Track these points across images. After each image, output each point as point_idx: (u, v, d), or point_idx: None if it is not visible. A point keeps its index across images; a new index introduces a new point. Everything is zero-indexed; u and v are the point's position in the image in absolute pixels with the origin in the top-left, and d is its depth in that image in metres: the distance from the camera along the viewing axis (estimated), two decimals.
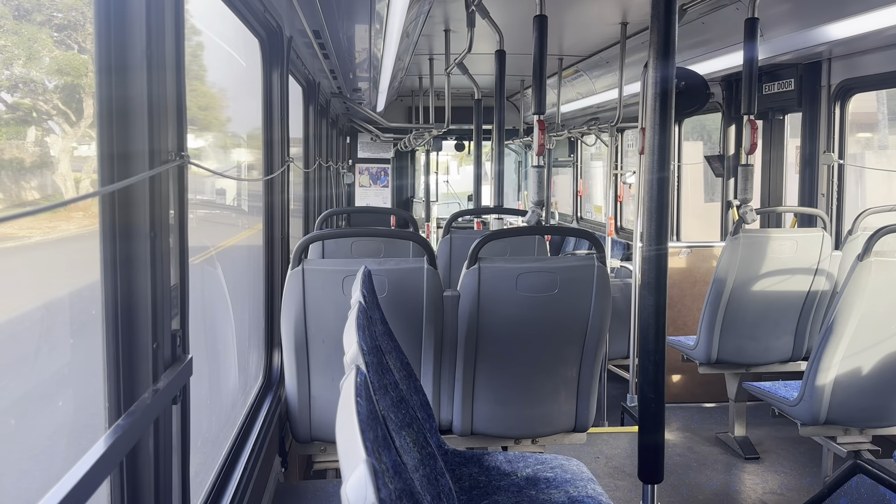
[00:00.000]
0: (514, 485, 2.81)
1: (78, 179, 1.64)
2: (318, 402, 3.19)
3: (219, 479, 2.35)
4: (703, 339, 4.60)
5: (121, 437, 1.27)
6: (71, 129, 1.62)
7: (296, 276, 3.05)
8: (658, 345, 2.53)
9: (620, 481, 4.27)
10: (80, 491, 1.10)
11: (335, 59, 5.08)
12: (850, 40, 4.33)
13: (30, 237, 1.50)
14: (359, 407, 1.29)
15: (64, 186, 1.61)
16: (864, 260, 3.31)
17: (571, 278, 3.19)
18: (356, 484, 1.03)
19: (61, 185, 1.61)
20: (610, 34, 6.23)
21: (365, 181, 12.83)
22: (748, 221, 4.50)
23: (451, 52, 6.42)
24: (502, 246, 4.70)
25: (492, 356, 3.26)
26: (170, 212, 1.57)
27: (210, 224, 3.47)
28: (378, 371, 2.16)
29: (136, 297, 1.50)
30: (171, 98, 1.57)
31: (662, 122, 2.54)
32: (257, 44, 3.33)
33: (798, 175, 5.40)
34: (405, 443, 2.22)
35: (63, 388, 1.64)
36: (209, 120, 3.17)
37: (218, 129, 3.44)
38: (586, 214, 10.86)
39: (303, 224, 5.68)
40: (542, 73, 3.96)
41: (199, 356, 2.00)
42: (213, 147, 3.35)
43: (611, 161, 7.63)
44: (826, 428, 3.65)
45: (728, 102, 6.24)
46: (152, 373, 1.51)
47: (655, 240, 2.55)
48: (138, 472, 1.51)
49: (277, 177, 3.40)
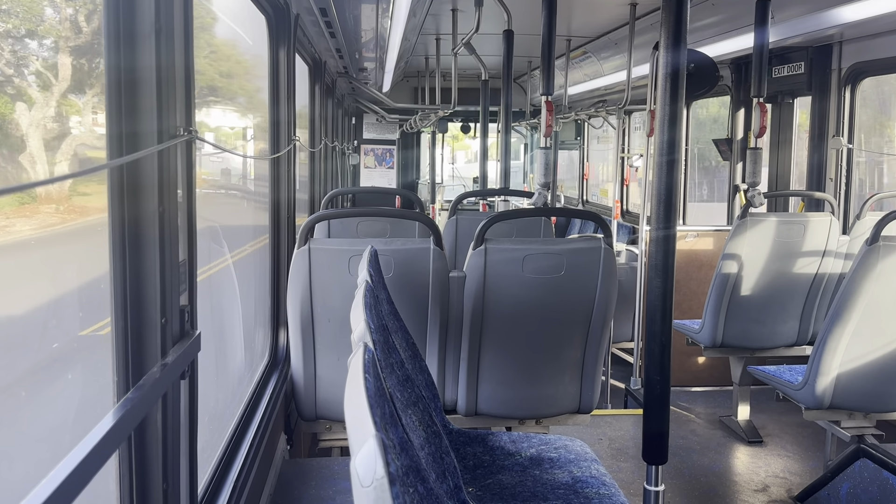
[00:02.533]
0: (517, 464, 2.82)
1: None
2: (323, 381, 3.20)
3: (225, 454, 2.37)
4: (708, 323, 4.60)
5: (129, 411, 1.27)
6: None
7: (302, 255, 3.05)
8: (665, 326, 2.53)
9: (623, 463, 4.29)
10: (90, 463, 1.10)
11: (341, 38, 5.04)
12: (861, 23, 4.29)
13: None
14: (367, 383, 1.29)
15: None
16: (872, 245, 3.30)
17: (578, 260, 3.18)
18: (366, 458, 1.03)
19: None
20: (619, 15, 6.17)
21: (370, 162, 12.80)
22: (756, 205, 4.48)
23: (458, 31, 6.37)
24: (508, 228, 4.69)
25: (497, 337, 3.27)
26: (178, 187, 1.57)
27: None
28: (384, 350, 2.16)
29: (145, 273, 1.50)
30: (179, 74, 1.56)
31: (673, 105, 2.52)
32: (264, 21, 3.31)
33: (806, 159, 5.37)
34: (411, 421, 2.23)
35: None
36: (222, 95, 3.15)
37: (229, 107, 3.43)
38: (592, 198, 10.83)
39: (308, 204, 5.67)
40: (550, 53, 3.93)
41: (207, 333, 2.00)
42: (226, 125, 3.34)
43: (618, 144, 7.59)
44: (830, 412, 3.65)
45: (737, 85, 6.19)
46: (161, 348, 1.51)
47: (664, 222, 2.54)
48: (146, 447, 1.52)
49: (283, 156, 3.39)
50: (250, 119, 3.92)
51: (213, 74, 2.81)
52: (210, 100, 2.93)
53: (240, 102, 3.68)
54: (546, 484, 2.69)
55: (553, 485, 2.68)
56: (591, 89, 8.50)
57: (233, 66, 3.33)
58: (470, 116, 12.41)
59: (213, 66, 2.76)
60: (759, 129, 4.42)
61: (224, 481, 2.26)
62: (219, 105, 3.25)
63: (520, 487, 2.68)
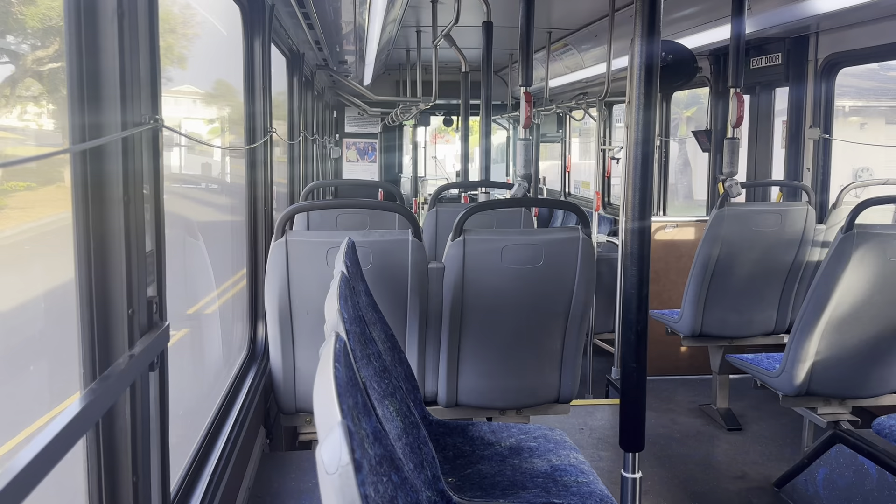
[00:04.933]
0: (497, 454, 2.82)
1: None
2: (302, 374, 3.19)
3: (201, 448, 2.35)
4: (687, 312, 4.63)
5: (95, 401, 1.26)
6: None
7: (279, 247, 3.03)
8: (640, 315, 2.54)
9: (603, 451, 4.31)
10: (53, 450, 1.09)
11: (319, 29, 5.00)
12: (837, 14, 4.31)
13: None
14: (336, 372, 1.29)
15: None
16: (847, 233, 3.33)
17: (556, 251, 3.19)
18: (331, 446, 1.02)
19: None
20: (598, 7, 6.17)
21: (352, 156, 12.75)
22: (734, 195, 4.50)
23: (437, 23, 6.34)
24: (488, 219, 4.68)
25: (476, 328, 3.27)
26: (144, 178, 1.55)
27: None
28: (361, 341, 2.15)
29: (111, 263, 1.48)
30: (144, 60, 1.54)
31: (647, 97, 2.53)
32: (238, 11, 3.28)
33: (784, 149, 5.41)
34: (388, 412, 2.22)
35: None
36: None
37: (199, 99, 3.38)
38: (574, 190, 10.85)
39: (288, 198, 5.64)
40: (528, 44, 3.93)
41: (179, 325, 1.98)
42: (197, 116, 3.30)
43: (598, 136, 7.61)
44: (807, 399, 3.69)
45: (716, 76, 6.22)
46: (128, 339, 1.49)
47: (639, 212, 2.54)
48: (115, 439, 1.50)
49: (260, 147, 3.36)
50: (226, 112, 3.88)
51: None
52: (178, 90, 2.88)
53: (211, 93, 3.64)
54: (525, 473, 2.69)
55: (532, 473, 2.69)
56: (572, 81, 8.50)
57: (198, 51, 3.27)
58: (452, 109, 12.39)
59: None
60: (737, 119, 4.44)
61: (200, 475, 2.24)
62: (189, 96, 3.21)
63: (499, 477, 2.69)
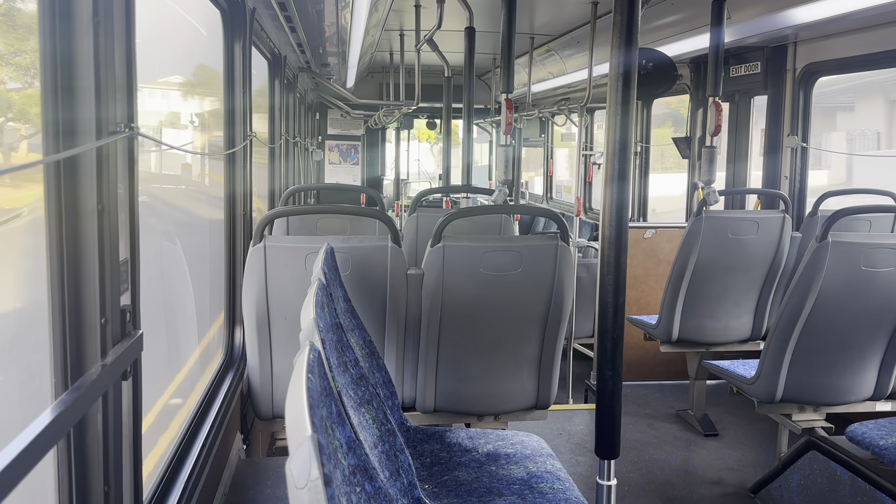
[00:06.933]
0: (474, 461, 2.83)
1: None
2: (280, 379, 3.17)
3: (176, 455, 2.33)
4: (664, 318, 4.67)
5: (66, 410, 1.25)
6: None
7: (257, 252, 3.02)
8: (616, 322, 2.56)
9: (581, 457, 4.34)
10: (23, 461, 1.08)
11: (302, 32, 4.99)
12: (815, 24, 4.38)
13: None
14: (309, 383, 1.28)
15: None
16: (822, 242, 3.37)
17: (534, 257, 3.20)
18: (300, 460, 1.02)
19: None
20: (581, 13, 6.22)
21: (335, 159, 12.71)
22: (711, 202, 4.55)
23: (421, 28, 6.35)
24: (469, 225, 4.69)
25: (455, 334, 3.27)
26: (118, 185, 1.54)
27: None
28: (337, 348, 2.15)
29: (84, 272, 1.46)
30: (119, 68, 1.53)
31: (625, 104, 2.55)
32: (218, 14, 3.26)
33: (763, 157, 5.47)
34: (364, 419, 2.22)
35: None
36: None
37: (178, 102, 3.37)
38: (556, 194, 10.90)
39: (268, 202, 5.61)
40: (510, 50, 3.95)
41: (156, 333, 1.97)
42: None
43: (580, 142, 7.65)
44: (782, 406, 3.73)
45: (696, 84, 6.28)
46: (101, 348, 1.48)
47: (616, 218, 2.56)
48: (86, 448, 1.49)
49: (239, 151, 3.35)
50: (206, 114, 3.86)
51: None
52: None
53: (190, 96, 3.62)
54: (502, 479, 2.70)
55: (508, 480, 2.70)
56: (555, 87, 8.55)
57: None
58: (435, 113, 12.39)
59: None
60: (715, 127, 4.49)
61: (174, 482, 2.22)
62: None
63: (476, 483, 2.70)
